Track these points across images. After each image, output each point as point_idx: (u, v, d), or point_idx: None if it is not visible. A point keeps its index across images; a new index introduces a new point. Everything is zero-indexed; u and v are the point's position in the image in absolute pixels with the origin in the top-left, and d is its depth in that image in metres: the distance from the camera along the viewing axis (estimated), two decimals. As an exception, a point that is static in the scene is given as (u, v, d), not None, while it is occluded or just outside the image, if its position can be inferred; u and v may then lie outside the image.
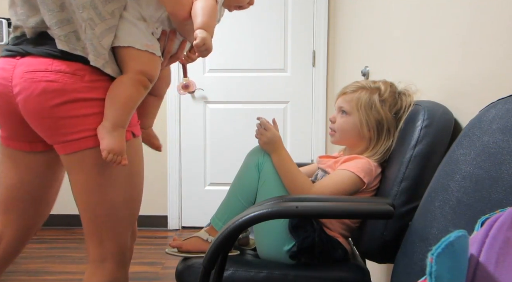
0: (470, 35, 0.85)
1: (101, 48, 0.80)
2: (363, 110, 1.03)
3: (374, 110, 1.02)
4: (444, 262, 0.31)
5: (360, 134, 1.04)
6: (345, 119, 1.06)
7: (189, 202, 2.64)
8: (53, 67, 0.78)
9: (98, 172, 0.84)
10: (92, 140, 0.81)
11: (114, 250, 0.89)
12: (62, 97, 0.78)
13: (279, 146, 1.06)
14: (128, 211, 0.91)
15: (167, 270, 1.97)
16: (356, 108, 1.04)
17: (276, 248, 1.00)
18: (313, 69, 2.55)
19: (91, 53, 0.80)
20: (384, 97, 1.03)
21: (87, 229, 0.89)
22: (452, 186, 0.64)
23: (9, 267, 1.11)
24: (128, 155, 0.84)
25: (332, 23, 2.49)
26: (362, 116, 1.03)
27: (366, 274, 0.98)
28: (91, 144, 0.81)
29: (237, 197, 1.06)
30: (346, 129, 1.06)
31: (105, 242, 0.88)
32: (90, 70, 0.80)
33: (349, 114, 1.06)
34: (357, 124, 1.04)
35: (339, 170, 1.00)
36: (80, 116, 0.80)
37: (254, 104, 2.57)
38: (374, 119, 1.02)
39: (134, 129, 0.88)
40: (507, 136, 0.56)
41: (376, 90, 1.04)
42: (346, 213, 0.86)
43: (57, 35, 0.79)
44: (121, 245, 0.91)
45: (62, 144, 0.82)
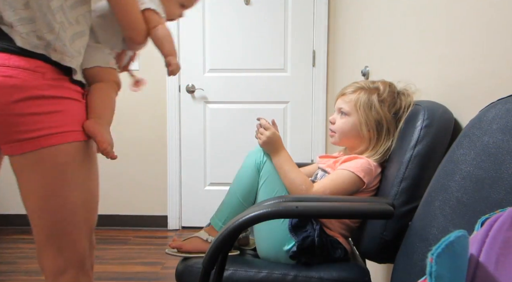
0: (470, 35, 0.85)
1: (73, 51, 0.83)
2: (362, 111, 1.03)
3: (374, 110, 1.02)
4: (444, 262, 0.31)
5: (359, 135, 1.04)
6: (345, 120, 1.06)
7: (189, 202, 2.64)
8: (10, 63, 0.75)
9: (59, 173, 0.81)
10: (54, 138, 0.79)
11: (74, 258, 0.86)
12: (22, 93, 0.75)
13: (279, 146, 1.06)
14: (86, 215, 0.88)
15: (167, 270, 1.97)
16: (355, 109, 1.04)
17: (276, 248, 1.00)
18: (313, 69, 2.55)
19: (65, 55, 0.81)
20: (383, 97, 1.03)
21: (42, 238, 0.84)
22: (452, 186, 0.64)
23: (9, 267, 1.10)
24: (87, 155, 0.86)
25: (332, 23, 2.49)
26: (362, 116, 1.03)
27: (366, 274, 0.98)
28: (52, 141, 0.79)
29: (237, 196, 1.06)
30: (346, 130, 1.06)
31: (63, 250, 0.84)
32: (51, 69, 0.79)
33: (348, 115, 1.06)
34: (356, 125, 1.04)
35: (339, 170, 1.00)
36: (40, 114, 0.78)
37: (254, 104, 2.57)
38: (374, 120, 1.02)
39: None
40: (507, 136, 0.56)
41: (375, 91, 1.04)
42: (346, 213, 0.86)
43: (19, 32, 0.77)
44: (80, 254, 0.87)
45: (16, 142, 0.78)
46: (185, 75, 2.55)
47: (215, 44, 2.54)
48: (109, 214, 2.64)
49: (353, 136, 1.06)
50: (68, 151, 0.82)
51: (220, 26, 2.54)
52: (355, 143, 1.07)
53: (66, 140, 0.81)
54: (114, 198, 2.64)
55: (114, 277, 1.87)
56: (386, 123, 1.01)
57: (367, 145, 1.04)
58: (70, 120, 0.82)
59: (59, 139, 0.79)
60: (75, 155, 0.83)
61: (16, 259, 2.07)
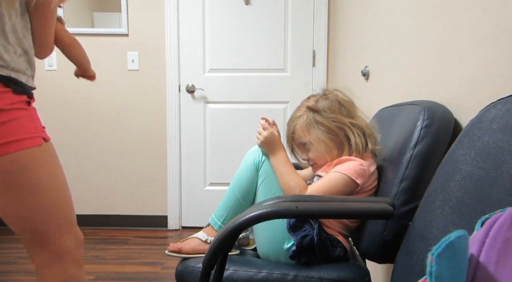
0: (470, 35, 0.85)
1: (21, 65, 0.88)
2: (312, 133, 1.06)
3: (319, 125, 1.05)
4: (444, 262, 0.31)
5: (332, 149, 1.06)
6: (311, 150, 1.08)
7: (189, 202, 2.64)
8: None
9: (16, 183, 0.83)
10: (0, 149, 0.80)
11: (58, 252, 0.89)
12: None
13: (276, 147, 1.06)
14: (60, 213, 0.90)
15: (167, 270, 1.97)
16: (307, 135, 1.07)
17: (276, 247, 1.00)
18: (313, 69, 2.55)
19: (14, 70, 0.84)
20: (316, 108, 1.06)
21: (25, 239, 0.88)
22: (452, 186, 0.64)
23: (9, 267, 1.12)
24: (43, 159, 0.86)
25: (332, 23, 2.49)
26: (318, 136, 1.05)
27: (366, 274, 0.98)
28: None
29: (236, 196, 1.06)
30: (320, 155, 1.08)
31: (46, 246, 0.88)
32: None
33: (309, 144, 1.08)
34: (320, 145, 1.06)
35: (332, 173, 1.00)
36: None
37: (254, 104, 2.57)
38: (326, 132, 1.04)
39: (43, 134, 0.90)
40: (507, 136, 0.56)
41: (307, 110, 1.08)
42: (346, 213, 0.86)
43: None
44: (64, 246, 0.90)
45: None
46: (185, 75, 2.55)
47: (215, 44, 2.54)
48: (109, 214, 2.64)
49: (329, 152, 1.06)
50: (17, 160, 0.83)
51: (220, 26, 2.54)
52: (337, 155, 1.07)
53: (13, 149, 0.82)
54: (114, 198, 2.64)
55: (114, 277, 1.87)
56: (336, 125, 1.03)
57: (342, 151, 1.06)
58: (17, 130, 0.83)
59: (5, 150, 0.80)
60: (28, 162, 0.84)
61: (16, 259, 2.07)
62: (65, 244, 0.90)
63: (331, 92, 1.08)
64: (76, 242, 0.94)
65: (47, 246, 0.88)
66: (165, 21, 2.51)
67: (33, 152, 0.85)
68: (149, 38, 2.52)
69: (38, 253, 0.89)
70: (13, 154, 0.82)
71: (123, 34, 2.52)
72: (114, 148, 2.61)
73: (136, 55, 2.52)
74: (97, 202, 2.64)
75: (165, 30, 2.51)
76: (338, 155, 1.06)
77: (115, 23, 2.54)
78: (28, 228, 0.87)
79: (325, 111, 1.05)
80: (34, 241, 0.88)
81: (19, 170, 0.83)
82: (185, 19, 2.53)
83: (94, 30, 2.52)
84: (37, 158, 0.86)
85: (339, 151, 1.06)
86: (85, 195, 2.63)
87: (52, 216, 0.88)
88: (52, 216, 0.88)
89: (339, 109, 1.05)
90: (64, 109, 2.58)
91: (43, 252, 0.88)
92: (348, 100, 1.07)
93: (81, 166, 2.62)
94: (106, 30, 2.53)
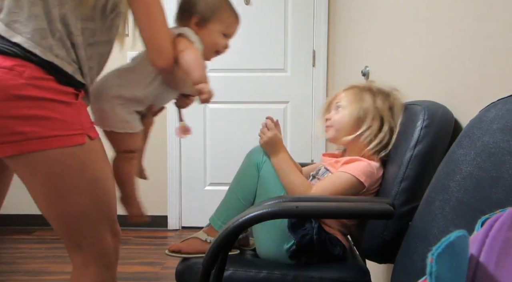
0: (470, 35, 0.85)
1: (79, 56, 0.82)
2: (357, 103, 1.05)
3: (365, 101, 1.04)
4: (444, 262, 0.31)
5: (353, 126, 1.04)
6: (341, 114, 1.08)
7: (189, 202, 2.64)
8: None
9: (57, 182, 0.78)
10: (37, 143, 0.74)
11: (95, 253, 0.86)
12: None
13: (279, 148, 1.06)
14: (99, 215, 0.85)
15: (167, 270, 1.96)
16: (349, 102, 1.06)
17: (276, 247, 1.00)
18: (313, 69, 2.55)
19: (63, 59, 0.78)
20: (374, 91, 1.06)
21: (63, 237, 0.85)
22: (452, 186, 0.64)
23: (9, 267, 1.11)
24: (86, 160, 0.81)
25: (332, 23, 2.49)
26: (355, 107, 1.04)
27: (366, 274, 0.98)
28: (35, 146, 0.74)
29: (236, 196, 1.06)
30: (342, 122, 1.07)
31: (83, 248, 0.85)
32: (33, 68, 0.74)
33: (343, 108, 1.07)
34: (351, 115, 1.05)
35: (339, 172, 1.00)
36: (19, 117, 0.72)
37: (254, 104, 2.57)
38: (365, 109, 1.03)
39: (89, 131, 0.82)
40: (507, 136, 0.56)
41: (367, 88, 1.08)
42: (346, 213, 0.86)
43: (23, 31, 0.74)
44: (101, 249, 0.87)
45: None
46: (185, 75, 2.54)
47: (215, 44, 2.54)
48: (109, 214, 2.64)
49: (349, 127, 1.05)
50: (59, 158, 0.77)
51: (220, 26, 2.53)
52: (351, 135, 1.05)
53: (53, 145, 0.76)
54: (114, 198, 2.64)
55: (114, 277, 1.87)
56: (379, 113, 1.02)
57: (363, 136, 1.03)
58: (58, 124, 0.76)
59: (44, 144, 0.75)
60: (69, 161, 0.78)
61: (16, 259, 2.07)
62: (102, 246, 0.87)
63: (394, 96, 1.06)
64: (114, 240, 0.91)
65: (82, 248, 0.85)
66: (165, 21, 2.51)
67: (75, 151, 0.79)
68: (149, 38, 2.52)
69: (73, 254, 0.86)
70: (53, 150, 0.76)
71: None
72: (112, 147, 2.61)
73: (136, 55, 2.52)
74: (97, 202, 2.64)
75: (165, 30, 2.51)
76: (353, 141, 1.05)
77: (115, 23, 2.54)
78: (64, 228, 0.83)
79: (379, 97, 1.04)
80: (70, 241, 0.85)
81: (61, 170, 0.78)
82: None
83: (94, 30, 2.52)
84: (80, 158, 0.80)
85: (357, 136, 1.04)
86: (85, 195, 2.63)
87: (92, 218, 0.84)
88: (91, 219, 0.84)
89: (386, 98, 1.05)
90: (64, 109, 2.58)
91: (78, 253, 0.85)
92: (399, 110, 1.02)
93: (81, 166, 2.62)
94: (106, 30, 2.52)
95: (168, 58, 0.88)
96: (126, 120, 0.95)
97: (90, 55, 0.87)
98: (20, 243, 2.32)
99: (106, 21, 0.87)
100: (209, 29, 1.00)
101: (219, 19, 1.00)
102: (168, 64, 0.89)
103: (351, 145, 1.07)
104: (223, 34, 1.02)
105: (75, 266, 0.87)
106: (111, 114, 0.94)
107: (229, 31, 1.03)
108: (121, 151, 1.00)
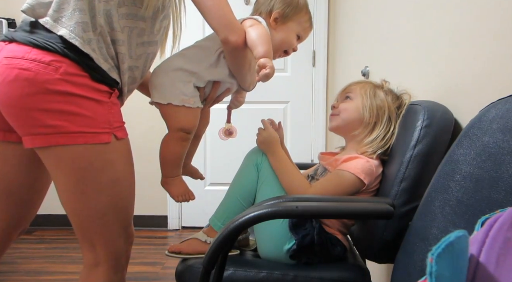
0: (470, 35, 0.85)
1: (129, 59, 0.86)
2: (367, 96, 1.05)
3: (378, 98, 1.04)
4: (444, 262, 0.31)
5: (360, 119, 1.04)
6: (349, 104, 1.08)
7: (189, 202, 2.63)
8: (30, 56, 0.74)
9: (79, 178, 0.80)
10: (64, 137, 0.76)
11: (107, 255, 0.86)
12: (32, 87, 0.74)
13: (274, 146, 1.05)
14: (116, 216, 0.86)
15: (167, 270, 1.97)
16: (360, 94, 1.06)
17: (276, 248, 1.00)
18: (313, 69, 2.54)
19: (100, 56, 0.80)
20: (386, 90, 1.07)
21: (78, 233, 0.86)
22: (452, 186, 0.64)
23: (9, 267, 1.12)
24: (110, 159, 0.82)
25: (332, 23, 2.49)
26: (366, 101, 1.04)
27: (366, 274, 0.98)
28: (62, 140, 0.76)
29: (236, 197, 1.06)
30: (349, 112, 1.07)
31: (96, 246, 0.85)
32: (70, 64, 0.76)
33: (352, 99, 1.08)
34: (359, 108, 1.05)
35: (338, 171, 1.00)
36: (51, 111, 0.75)
37: (254, 104, 2.57)
38: (377, 106, 1.04)
39: (116, 131, 0.84)
40: (507, 136, 0.56)
41: (380, 86, 1.08)
42: (346, 213, 0.86)
43: (67, 24, 0.78)
44: (114, 250, 0.87)
45: (29, 136, 0.77)
46: (185, 75, 2.55)
47: (215, 44, 2.54)
48: (109, 214, 2.64)
49: (355, 119, 1.05)
50: (83, 154, 0.79)
51: (220, 26, 2.53)
52: (355, 128, 1.06)
53: (78, 141, 0.77)
54: (114, 198, 2.64)
55: (114, 277, 1.87)
56: (388, 111, 1.03)
57: (366, 130, 1.04)
58: (87, 121, 0.78)
59: (69, 139, 0.77)
60: (91, 158, 0.80)
61: (16, 259, 2.07)
62: (114, 248, 0.88)
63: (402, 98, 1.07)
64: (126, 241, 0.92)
65: (95, 247, 0.85)
66: (165, 21, 2.51)
67: (99, 149, 0.80)
68: (149, 38, 2.52)
69: (85, 252, 0.87)
70: (78, 146, 0.77)
71: (123, 34, 2.52)
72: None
73: (136, 55, 2.52)
74: (97, 202, 2.64)
75: (165, 30, 2.51)
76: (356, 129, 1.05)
77: (115, 23, 2.54)
78: (80, 224, 0.84)
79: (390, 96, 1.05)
80: (84, 238, 0.86)
81: (82, 164, 0.79)
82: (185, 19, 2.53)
83: (94, 30, 2.52)
84: (103, 156, 0.81)
85: (361, 127, 1.05)
86: (85, 195, 2.63)
87: (107, 219, 0.85)
88: (107, 219, 0.85)
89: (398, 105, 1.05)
90: (64, 109, 2.58)
91: (90, 252, 0.86)
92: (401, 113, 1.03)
93: (81, 166, 2.62)
94: (106, 30, 2.53)
95: (240, 32, 0.88)
96: (185, 93, 0.97)
97: (139, 54, 0.89)
98: (20, 243, 2.32)
99: (156, 22, 0.90)
100: (287, 26, 1.02)
101: (299, 20, 1.03)
102: (240, 39, 0.88)
103: (354, 140, 1.07)
104: (297, 35, 1.05)
105: (85, 264, 0.88)
106: (170, 87, 0.96)
107: (303, 34, 1.06)
108: (175, 128, 1.00)
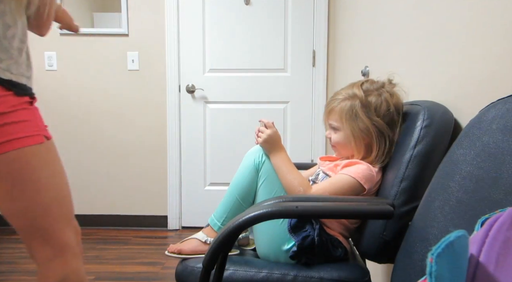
0: (470, 35, 0.85)
1: (24, 69, 0.90)
2: (348, 124, 1.02)
3: (359, 120, 1.00)
4: (444, 262, 0.31)
5: (356, 143, 1.03)
6: (337, 135, 1.06)
7: (189, 202, 2.64)
8: None
9: (19, 180, 0.85)
10: (2, 146, 0.82)
11: (60, 245, 0.91)
12: None
13: (278, 145, 1.06)
14: (61, 208, 0.92)
15: (167, 270, 1.96)
16: (341, 123, 1.03)
17: (276, 248, 1.00)
18: (313, 69, 2.55)
19: (19, 75, 0.87)
20: (365, 101, 1.00)
21: (26, 235, 0.90)
22: (452, 186, 0.64)
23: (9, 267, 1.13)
24: (45, 157, 0.88)
25: (332, 23, 2.49)
26: (348, 129, 1.02)
27: (366, 274, 0.98)
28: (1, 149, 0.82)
29: (235, 197, 1.06)
30: (343, 144, 1.06)
31: (50, 240, 0.90)
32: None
33: (339, 129, 1.05)
34: (349, 137, 1.03)
35: (340, 175, 1.00)
36: None
37: (254, 104, 2.57)
38: (359, 128, 1.00)
39: (45, 132, 0.92)
40: (507, 136, 0.56)
41: (355, 98, 1.01)
42: (346, 213, 0.86)
43: None
44: (67, 240, 0.93)
45: None
46: (185, 75, 2.55)
47: (215, 44, 2.54)
48: (109, 214, 2.64)
49: (352, 147, 1.05)
50: (21, 157, 0.85)
51: (220, 26, 2.54)
52: (354, 152, 1.05)
53: (15, 147, 0.84)
54: (114, 198, 2.64)
55: (114, 277, 1.87)
56: (375, 129, 0.99)
57: (363, 153, 1.03)
58: (19, 128, 0.85)
59: (7, 147, 0.83)
60: (30, 159, 0.86)
61: (16, 259, 2.07)
62: (66, 238, 0.93)
63: (388, 92, 1.01)
64: (75, 234, 0.97)
65: (48, 240, 0.90)
66: (165, 21, 2.51)
67: (35, 150, 0.87)
68: (149, 38, 2.52)
69: (39, 249, 0.90)
70: (15, 151, 0.84)
71: (123, 34, 2.52)
72: (114, 147, 2.61)
73: (136, 55, 2.52)
74: (98, 202, 2.64)
75: (165, 30, 2.51)
76: (356, 155, 1.04)
77: (115, 23, 2.54)
78: (28, 224, 0.89)
79: (371, 110, 0.99)
80: (35, 236, 0.90)
81: (21, 166, 0.85)
82: (185, 19, 2.53)
83: (94, 30, 2.52)
84: (38, 155, 0.88)
85: (359, 152, 1.03)
86: (85, 194, 2.63)
87: (53, 211, 0.90)
88: (53, 212, 0.90)
89: (385, 113, 0.99)
90: (64, 109, 2.58)
91: (45, 247, 0.90)
92: (398, 108, 1.00)
93: (81, 166, 2.62)
94: (106, 30, 2.53)
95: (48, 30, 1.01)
96: None
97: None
98: (20, 243, 2.32)
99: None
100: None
101: None
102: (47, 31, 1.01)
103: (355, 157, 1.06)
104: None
105: (41, 262, 0.91)
106: None
107: None
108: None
